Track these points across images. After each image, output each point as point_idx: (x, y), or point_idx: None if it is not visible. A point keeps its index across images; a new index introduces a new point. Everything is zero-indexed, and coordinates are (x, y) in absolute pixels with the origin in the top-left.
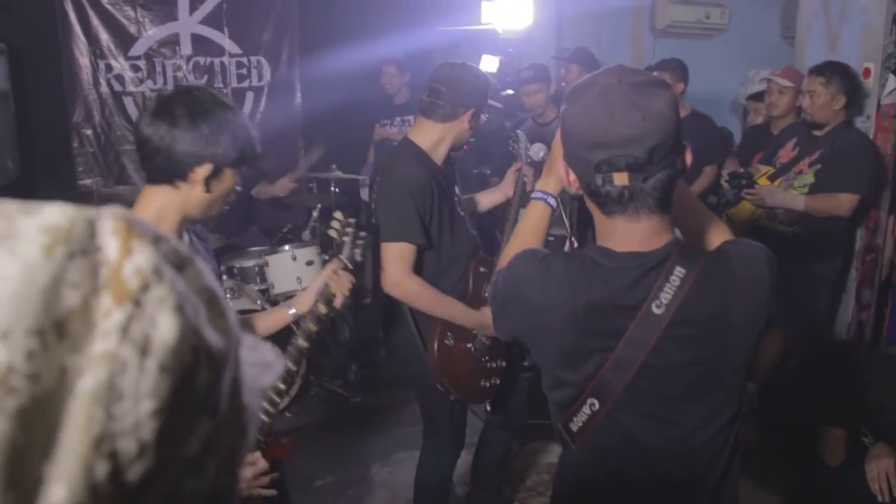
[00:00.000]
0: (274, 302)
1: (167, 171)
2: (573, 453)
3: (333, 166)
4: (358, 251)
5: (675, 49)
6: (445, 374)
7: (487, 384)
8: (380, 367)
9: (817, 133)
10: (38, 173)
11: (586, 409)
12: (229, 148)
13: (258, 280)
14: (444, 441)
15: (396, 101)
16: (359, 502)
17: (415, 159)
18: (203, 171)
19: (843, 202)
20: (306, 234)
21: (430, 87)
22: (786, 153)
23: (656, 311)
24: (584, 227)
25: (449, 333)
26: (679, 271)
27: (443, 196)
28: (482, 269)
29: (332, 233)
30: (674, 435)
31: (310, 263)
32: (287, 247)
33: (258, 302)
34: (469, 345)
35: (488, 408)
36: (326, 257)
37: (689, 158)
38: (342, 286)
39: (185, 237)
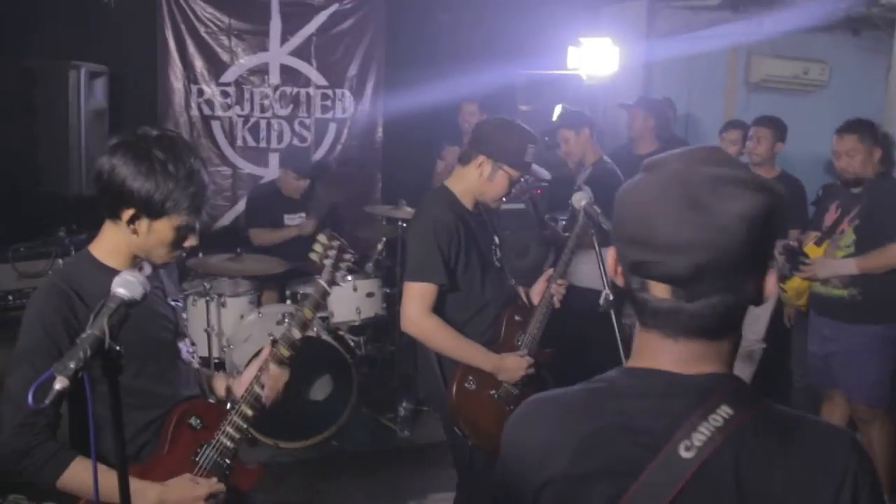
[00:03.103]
0: (332, 330)
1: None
2: None
3: (402, 202)
4: (339, 274)
5: (769, 104)
6: (464, 419)
7: None
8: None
9: (856, 190)
10: None
11: None
12: (159, 199)
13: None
14: (468, 487)
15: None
16: None
17: (442, 202)
18: (127, 213)
19: (893, 254)
20: (370, 267)
21: None
22: (830, 216)
23: (685, 454)
24: None
25: (471, 378)
26: (724, 410)
27: (472, 240)
28: (517, 318)
29: (314, 255)
30: None
31: (370, 295)
32: (350, 277)
33: (314, 329)
34: (493, 392)
35: None
36: (388, 290)
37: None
38: (276, 384)
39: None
